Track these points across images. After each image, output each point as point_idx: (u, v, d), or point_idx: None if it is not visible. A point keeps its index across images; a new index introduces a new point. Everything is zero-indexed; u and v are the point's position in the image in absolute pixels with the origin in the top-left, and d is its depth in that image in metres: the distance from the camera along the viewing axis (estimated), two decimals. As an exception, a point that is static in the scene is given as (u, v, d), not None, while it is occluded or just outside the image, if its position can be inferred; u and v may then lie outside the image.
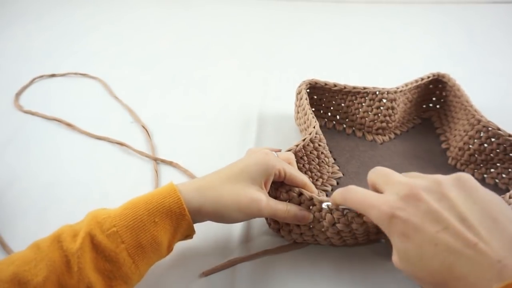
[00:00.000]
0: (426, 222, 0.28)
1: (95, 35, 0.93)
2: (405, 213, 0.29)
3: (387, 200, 0.31)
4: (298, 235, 0.45)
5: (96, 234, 0.34)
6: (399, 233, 0.29)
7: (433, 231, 0.28)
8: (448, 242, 0.27)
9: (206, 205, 0.39)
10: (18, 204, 0.52)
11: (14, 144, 0.61)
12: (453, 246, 0.27)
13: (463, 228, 0.27)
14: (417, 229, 0.28)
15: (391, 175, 0.34)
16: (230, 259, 0.44)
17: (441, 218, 0.28)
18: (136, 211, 0.36)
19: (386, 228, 0.31)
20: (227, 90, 0.75)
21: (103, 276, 0.34)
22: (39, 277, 0.32)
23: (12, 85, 0.74)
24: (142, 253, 0.36)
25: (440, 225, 0.28)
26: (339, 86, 0.60)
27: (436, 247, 0.27)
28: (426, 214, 0.29)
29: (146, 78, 0.78)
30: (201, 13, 1.05)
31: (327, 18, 1.03)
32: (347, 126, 0.63)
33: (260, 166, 0.41)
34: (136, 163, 0.58)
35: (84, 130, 0.63)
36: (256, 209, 0.40)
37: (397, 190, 0.32)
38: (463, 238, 0.27)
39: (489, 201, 0.29)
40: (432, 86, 0.64)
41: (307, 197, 0.42)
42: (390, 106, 0.59)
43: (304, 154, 0.51)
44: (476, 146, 0.55)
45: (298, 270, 0.44)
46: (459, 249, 0.26)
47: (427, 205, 0.29)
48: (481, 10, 1.07)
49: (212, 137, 0.63)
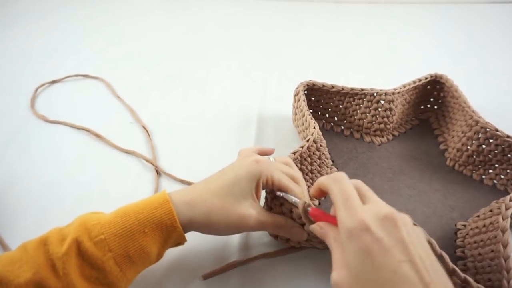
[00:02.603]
0: (395, 249, 0.29)
1: (95, 36, 0.94)
2: (381, 232, 0.30)
3: (364, 213, 0.31)
4: (295, 243, 0.44)
5: (83, 240, 0.34)
6: (364, 248, 0.29)
7: (398, 259, 0.28)
8: (408, 274, 0.28)
9: (196, 219, 0.38)
10: (18, 204, 0.52)
11: (14, 144, 0.62)
12: (411, 279, 0.27)
13: (422, 267, 0.28)
14: (385, 252, 0.29)
15: (366, 190, 0.34)
16: (229, 262, 0.44)
17: (407, 251, 0.29)
18: (126, 219, 0.36)
19: (348, 238, 0.30)
20: (227, 90, 0.75)
21: (89, 282, 0.34)
22: (21, 278, 0.32)
23: (12, 85, 0.75)
24: (129, 262, 0.35)
25: (405, 256, 0.28)
26: (337, 88, 0.60)
27: (394, 275, 0.28)
28: (397, 242, 0.29)
29: (146, 79, 0.78)
30: (201, 14, 1.05)
31: (327, 19, 1.03)
32: (345, 127, 0.63)
33: (248, 176, 0.40)
34: (136, 164, 0.59)
35: (86, 127, 0.64)
36: (245, 226, 0.40)
37: (377, 208, 0.31)
38: (421, 276, 0.28)
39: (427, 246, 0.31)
40: (430, 87, 0.64)
41: (297, 214, 0.40)
42: (388, 107, 0.59)
43: (308, 156, 0.51)
44: (474, 147, 0.55)
45: (296, 273, 0.44)
46: (415, 284, 0.27)
47: (401, 234, 0.29)
48: (481, 10, 1.07)
49: (212, 137, 0.63)
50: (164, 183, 0.56)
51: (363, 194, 0.34)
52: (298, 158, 0.49)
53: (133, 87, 0.75)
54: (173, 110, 0.70)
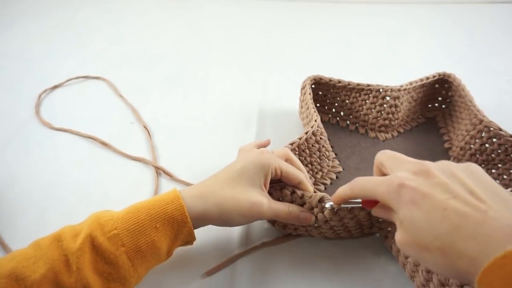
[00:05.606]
0: (435, 191, 0.29)
1: (95, 36, 0.93)
2: (415, 182, 0.30)
3: (396, 175, 0.31)
4: (292, 230, 0.45)
5: (97, 235, 0.35)
6: (407, 201, 0.29)
7: (443, 198, 0.28)
8: (458, 207, 0.27)
9: (210, 211, 0.39)
10: (18, 204, 0.51)
11: (14, 144, 0.61)
12: (463, 210, 0.27)
13: (472, 198, 0.27)
14: (427, 196, 0.29)
15: (401, 157, 0.34)
16: (230, 256, 0.44)
17: (450, 189, 0.28)
18: (138, 215, 0.37)
19: (394, 200, 0.31)
20: (227, 90, 0.75)
21: (101, 277, 0.35)
22: (37, 274, 0.32)
23: (13, 85, 0.74)
24: (141, 257, 0.36)
25: (449, 194, 0.28)
26: (343, 83, 0.60)
27: (445, 211, 0.27)
28: (435, 185, 0.29)
29: (146, 79, 0.78)
30: (202, 14, 1.05)
31: (327, 19, 1.03)
32: (351, 122, 0.63)
33: (257, 166, 0.41)
34: (136, 164, 0.58)
35: (87, 133, 0.63)
36: (257, 213, 0.40)
37: (407, 167, 0.32)
38: (472, 204, 0.27)
39: (496, 185, 0.29)
40: (438, 86, 0.64)
41: (298, 195, 0.42)
42: (393, 103, 0.59)
43: (306, 147, 0.51)
44: (477, 146, 0.55)
45: (295, 262, 0.44)
46: (469, 213, 0.26)
47: (437, 179, 0.29)
48: (481, 10, 1.07)
49: (212, 137, 0.63)
50: (164, 183, 0.55)
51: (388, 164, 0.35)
52: (295, 149, 0.50)
53: (133, 87, 0.74)
54: (174, 110, 0.69)
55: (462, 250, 0.26)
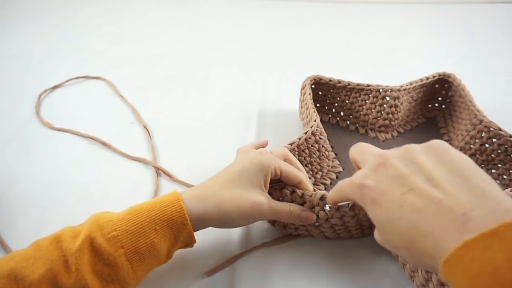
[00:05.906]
0: (392, 186, 0.28)
1: (95, 36, 0.93)
2: (373, 180, 0.30)
3: (357, 175, 0.32)
4: (292, 230, 0.45)
5: (96, 237, 0.35)
6: (370, 202, 0.29)
7: (399, 194, 0.28)
8: (413, 202, 0.27)
9: (210, 212, 0.39)
10: (18, 204, 0.51)
11: (14, 144, 0.61)
12: (417, 205, 0.26)
13: (428, 187, 0.27)
14: (385, 193, 0.28)
15: (366, 150, 0.34)
16: (231, 256, 0.44)
17: (407, 181, 0.28)
18: (138, 217, 0.37)
19: (361, 201, 0.31)
20: (227, 90, 0.75)
21: (100, 278, 0.34)
22: (35, 274, 0.32)
23: (13, 85, 0.74)
24: (140, 259, 0.36)
25: (406, 187, 0.28)
26: (343, 83, 0.61)
27: (401, 209, 0.27)
28: (393, 179, 0.29)
29: (146, 79, 0.78)
30: (202, 14, 1.05)
31: (327, 19, 1.03)
32: (351, 122, 0.63)
33: (257, 167, 0.41)
34: (136, 164, 0.58)
35: (87, 134, 0.63)
36: (258, 213, 0.40)
37: (370, 161, 0.32)
38: (427, 196, 0.26)
39: (460, 162, 0.28)
40: (438, 86, 0.64)
41: (298, 194, 0.42)
42: (393, 104, 0.59)
43: (306, 147, 0.51)
44: (477, 146, 0.55)
45: (296, 262, 0.44)
46: (423, 207, 0.26)
47: (395, 170, 0.29)
48: (481, 10, 1.07)
49: (212, 137, 0.63)
50: (164, 184, 0.55)
51: (359, 159, 0.35)
52: (295, 149, 0.50)
53: (133, 87, 0.74)
54: (174, 110, 0.69)
55: (423, 248, 0.26)
